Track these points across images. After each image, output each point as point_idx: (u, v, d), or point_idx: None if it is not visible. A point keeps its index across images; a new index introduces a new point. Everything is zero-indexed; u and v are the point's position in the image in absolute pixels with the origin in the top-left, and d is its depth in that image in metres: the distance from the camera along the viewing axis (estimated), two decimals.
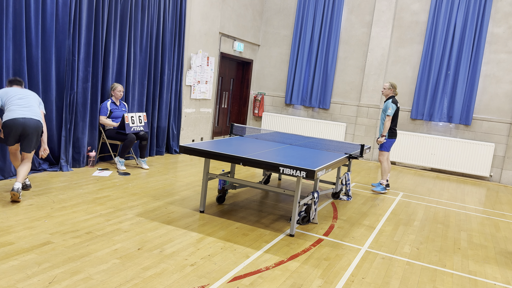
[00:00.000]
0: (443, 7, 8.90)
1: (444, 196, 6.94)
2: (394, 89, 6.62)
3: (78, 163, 6.16)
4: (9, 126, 4.33)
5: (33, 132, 4.42)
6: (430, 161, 9.16)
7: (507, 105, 8.59)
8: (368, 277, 3.50)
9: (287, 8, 10.61)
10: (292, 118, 10.50)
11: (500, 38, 8.59)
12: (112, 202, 4.73)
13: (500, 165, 8.72)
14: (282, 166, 4.03)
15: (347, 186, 5.96)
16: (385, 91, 6.64)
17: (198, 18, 8.22)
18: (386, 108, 6.53)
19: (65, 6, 5.65)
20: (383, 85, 6.70)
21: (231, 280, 3.17)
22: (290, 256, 3.75)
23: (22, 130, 4.37)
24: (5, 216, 3.95)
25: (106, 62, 6.45)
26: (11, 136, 4.38)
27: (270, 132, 6.91)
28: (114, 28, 6.45)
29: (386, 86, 6.61)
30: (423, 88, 9.19)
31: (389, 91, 6.61)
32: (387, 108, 6.50)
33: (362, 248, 4.16)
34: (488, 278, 3.78)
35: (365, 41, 9.76)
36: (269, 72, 10.97)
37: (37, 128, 4.44)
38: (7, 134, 4.38)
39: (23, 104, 4.43)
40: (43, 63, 5.58)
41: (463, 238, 4.81)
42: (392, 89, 6.60)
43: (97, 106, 6.34)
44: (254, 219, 4.69)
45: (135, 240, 3.74)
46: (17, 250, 3.29)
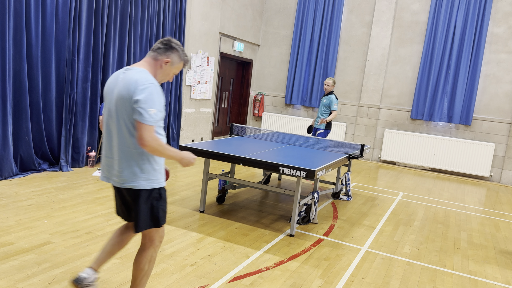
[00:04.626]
0: (443, 7, 8.90)
1: (444, 196, 6.94)
2: (334, 85, 7.37)
3: (77, 163, 6.16)
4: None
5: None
6: (430, 161, 9.16)
7: (507, 105, 8.59)
8: (368, 277, 3.49)
9: (287, 8, 10.60)
10: (292, 118, 10.50)
11: (500, 38, 8.58)
12: (112, 202, 4.72)
13: (500, 165, 8.71)
14: (282, 166, 4.03)
15: (347, 186, 5.95)
16: (328, 87, 7.22)
17: (198, 18, 8.21)
18: (331, 103, 7.08)
19: (65, 6, 5.65)
20: (326, 81, 7.22)
21: (231, 280, 3.17)
22: (290, 256, 3.75)
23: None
24: (5, 216, 3.94)
25: (106, 62, 6.45)
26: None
27: (270, 132, 6.91)
28: (114, 28, 6.45)
29: (330, 83, 7.20)
30: (423, 88, 9.18)
31: (331, 88, 7.23)
32: (332, 104, 7.08)
33: (362, 248, 4.16)
34: (488, 278, 3.77)
35: (365, 41, 9.76)
36: (269, 72, 10.97)
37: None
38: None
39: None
40: (43, 63, 5.57)
41: (463, 238, 4.81)
42: (333, 85, 7.30)
43: (96, 106, 6.33)
44: (254, 219, 4.68)
45: (135, 240, 3.73)
46: (17, 250, 3.29)
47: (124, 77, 2.29)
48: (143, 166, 2.30)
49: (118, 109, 2.27)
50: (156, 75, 2.38)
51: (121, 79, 2.30)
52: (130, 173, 2.29)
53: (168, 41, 2.41)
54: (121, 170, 2.31)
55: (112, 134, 2.34)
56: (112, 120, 2.32)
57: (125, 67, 2.38)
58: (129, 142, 2.28)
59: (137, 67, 2.34)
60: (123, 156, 2.30)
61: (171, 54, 2.39)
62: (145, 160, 2.31)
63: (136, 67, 2.33)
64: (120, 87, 2.26)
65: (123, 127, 2.27)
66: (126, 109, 2.23)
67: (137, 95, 2.18)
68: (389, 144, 9.49)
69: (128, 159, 2.28)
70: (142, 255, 2.46)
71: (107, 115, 2.37)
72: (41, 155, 5.75)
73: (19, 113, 5.37)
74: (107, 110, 2.36)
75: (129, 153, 2.29)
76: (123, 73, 2.33)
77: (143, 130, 2.18)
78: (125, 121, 2.26)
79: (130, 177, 2.30)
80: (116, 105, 2.28)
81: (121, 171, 2.31)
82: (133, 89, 2.20)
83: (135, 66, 2.35)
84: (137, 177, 2.30)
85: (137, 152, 2.28)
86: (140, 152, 2.28)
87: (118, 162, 2.32)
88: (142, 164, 2.30)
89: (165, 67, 2.40)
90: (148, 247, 2.46)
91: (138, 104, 2.18)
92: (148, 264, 2.46)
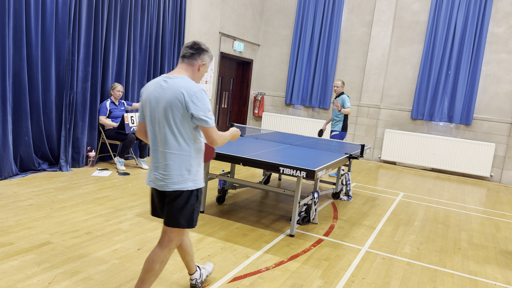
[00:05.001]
0: (444, 7, 8.89)
1: (444, 196, 6.93)
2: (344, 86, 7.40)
3: (77, 163, 6.15)
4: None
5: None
6: (430, 161, 9.15)
7: (507, 105, 8.58)
8: (368, 278, 3.49)
9: (287, 8, 10.60)
10: (292, 118, 10.49)
11: (501, 38, 8.58)
12: (111, 202, 4.72)
13: (500, 165, 8.71)
14: (282, 166, 4.02)
15: (348, 186, 5.95)
16: (338, 88, 7.20)
17: (198, 17, 8.21)
18: (344, 101, 7.10)
19: (64, 6, 5.64)
20: (335, 83, 7.22)
21: (231, 281, 3.16)
22: (290, 256, 3.75)
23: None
24: (4, 216, 3.94)
25: (105, 62, 6.44)
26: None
27: (270, 132, 6.90)
28: (114, 28, 6.44)
29: (339, 84, 7.19)
30: (424, 88, 9.18)
31: (341, 88, 7.21)
32: (345, 102, 7.09)
33: (363, 248, 4.15)
34: (488, 278, 3.77)
35: (365, 41, 9.75)
36: (269, 72, 10.96)
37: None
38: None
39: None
40: (43, 63, 5.57)
41: (463, 238, 4.80)
42: (343, 86, 7.25)
43: (96, 106, 6.33)
44: (254, 219, 4.68)
45: (134, 240, 3.73)
46: (17, 250, 3.28)
47: (170, 86, 2.40)
48: (191, 168, 2.47)
49: (167, 117, 2.39)
50: (194, 78, 2.53)
51: (167, 88, 2.40)
52: (179, 176, 2.44)
53: (197, 45, 2.52)
54: (170, 174, 2.44)
55: (158, 140, 2.46)
56: (159, 127, 2.44)
57: (164, 75, 2.47)
58: (177, 146, 2.42)
59: (177, 74, 2.46)
60: (172, 161, 2.43)
61: (204, 56, 2.53)
62: (192, 162, 2.47)
63: (177, 75, 2.44)
64: (168, 96, 2.38)
65: (172, 133, 2.41)
66: (176, 116, 2.37)
67: (192, 103, 2.34)
68: (390, 144, 9.48)
69: (177, 163, 2.43)
70: (157, 253, 2.53)
71: (151, 122, 2.47)
72: (41, 155, 5.75)
73: (19, 113, 5.36)
74: (152, 118, 2.46)
75: (177, 157, 2.43)
76: (164, 81, 2.43)
77: (211, 133, 2.42)
78: (174, 127, 2.40)
79: (179, 180, 2.44)
80: (164, 112, 2.39)
81: (171, 175, 2.44)
82: (186, 98, 2.34)
83: (175, 74, 2.46)
84: (185, 179, 2.45)
85: (184, 155, 2.44)
86: (187, 155, 2.44)
87: (166, 167, 2.44)
88: (189, 167, 2.46)
89: (201, 69, 2.55)
90: (165, 247, 2.54)
91: (198, 113, 2.35)
92: (160, 264, 2.53)
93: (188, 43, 2.54)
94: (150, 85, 2.50)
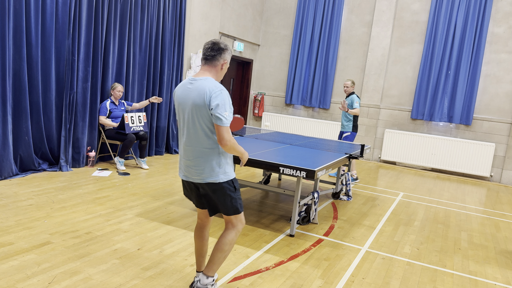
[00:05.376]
0: (444, 7, 8.89)
1: (444, 196, 6.93)
2: (354, 85, 7.22)
3: (77, 163, 6.15)
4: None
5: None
6: (430, 161, 9.15)
7: (507, 105, 8.58)
8: (368, 278, 3.49)
9: (287, 8, 10.60)
10: (292, 118, 10.49)
11: (501, 38, 8.58)
12: (111, 202, 4.72)
13: (500, 165, 8.71)
14: (282, 166, 4.02)
15: (347, 186, 5.95)
16: (348, 89, 7.12)
17: (198, 17, 8.21)
18: (352, 102, 6.99)
19: (64, 6, 5.64)
20: (345, 83, 7.14)
21: (231, 280, 3.16)
22: (290, 256, 3.75)
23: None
24: (4, 216, 3.94)
25: (105, 62, 6.44)
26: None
27: (270, 132, 6.90)
28: (114, 28, 6.44)
29: (348, 84, 7.10)
30: (424, 88, 9.18)
31: (351, 88, 7.14)
32: (353, 102, 6.98)
33: (362, 248, 4.15)
34: (488, 278, 3.77)
35: (366, 41, 9.75)
36: (269, 72, 10.96)
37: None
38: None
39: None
40: (43, 63, 5.57)
41: (463, 238, 4.80)
42: (353, 86, 7.16)
43: (97, 106, 6.33)
44: (254, 219, 4.68)
45: (135, 240, 3.73)
46: (17, 250, 3.28)
47: (195, 87, 2.58)
48: (220, 162, 2.66)
49: (195, 116, 2.58)
50: (218, 77, 2.69)
51: (193, 89, 2.59)
52: (210, 170, 2.64)
53: (217, 45, 2.65)
54: (202, 169, 2.65)
55: (190, 138, 2.66)
56: (190, 126, 2.64)
57: (190, 78, 2.66)
58: (207, 143, 2.62)
59: (202, 76, 2.63)
60: (202, 157, 2.64)
61: (224, 55, 2.68)
62: (221, 157, 2.66)
63: (202, 77, 2.62)
64: (194, 96, 2.57)
65: (201, 131, 2.60)
66: (203, 115, 2.55)
67: (213, 102, 2.50)
68: (390, 144, 9.48)
69: (208, 158, 2.63)
70: (225, 236, 2.76)
71: (183, 122, 2.68)
72: (41, 155, 5.75)
73: (19, 113, 5.36)
74: (183, 118, 2.67)
75: (207, 153, 2.63)
76: (190, 83, 2.62)
77: (223, 131, 2.52)
78: (202, 126, 2.59)
79: (210, 173, 2.65)
80: (192, 112, 2.59)
81: (203, 170, 2.65)
82: (208, 97, 2.51)
83: (200, 76, 2.63)
84: (216, 172, 2.65)
85: (214, 151, 2.63)
86: (216, 151, 2.63)
87: (198, 162, 2.65)
88: (219, 161, 2.65)
89: (224, 67, 2.72)
90: (231, 228, 2.77)
91: (215, 110, 2.49)
92: (229, 245, 2.75)
93: (208, 44, 2.66)
94: (179, 88, 2.69)
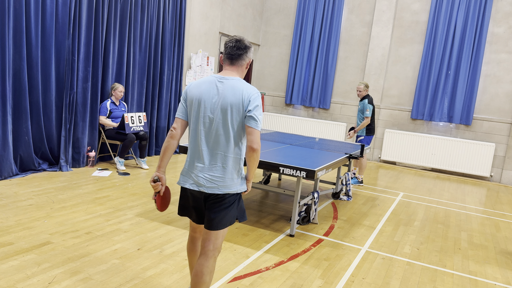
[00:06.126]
0: (444, 7, 8.89)
1: (444, 196, 6.93)
2: (368, 89, 6.93)
3: (77, 163, 6.15)
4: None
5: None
6: (430, 161, 9.15)
7: (507, 105, 8.58)
8: (368, 278, 3.49)
9: (287, 8, 10.60)
10: (292, 118, 10.49)
11: (501, 38, 8.58)
12: (111, 202, 4.72)
13: (500, 165, 8.70)
14: (282, 166, 4.02)
15: (347, 186, 5.95)
16: (360, 93, 6.87)
17: (198, 17, 8.21)
18: (363, 109, 6.75)
19: (64, 6, 5.64)
20: (357, 87, 6.90)
21: (231, 281, 3.16)
22: (290, 256, 3.75)
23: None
24: (4, 216, 3.94)
25: (105, 62, 6.44)
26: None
27: (270, 132, 6.90)
28: (114, 28, 6.44)
29: (361, 88, 6.84)
30: (424, 88, 9.18)
31: (365, 93, 6.86)
32: (364, 109, 6.73)
33: (362, 248, 4.15)
34: (488, 278, 3.77)
35: (366, 41, 9.75)
36: (269, 72, 10.96)
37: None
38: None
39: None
40: (43, 63, 5.57)
41: (463, 238, 4.80)
42: (367, 90, 6.88)
43: (97, 106, 6.33)
44: (254, 219, 4.68)
45: (134, 240, 3.73)
46: (17, 250, 3.28)
47: (227, 87, 2.35)
48: (240, 171, 2.48)
49: (226, 118, 2.34)
50: (243, 76, 2.51)
51: (224, 89, 2.35)
52: (230, 179, 2.41)
53: (242, 43, 2.44)
54: (222, 177, 2.39)
55: (209, 141, 2.39)
56: (213, 128, 2.37)
57: (216, 75, 2.41)
58: (231, 149, 2.39)
59: (230, 76, 2.41)
60: (225, 163, 2.39)
61: (250, 53, 2.49)
62: (242, 165, 2.48)
63: (231, 76, 2.40)
64: (228, 97, 2.33)
65: (228, 135, 2.36)
66: (236, 118, 2.34)
67: (252, 104, 2.32)
68: (389, 144, 9.48)
69: (231, 165, 2.40)
70: (205, 265, 2.42)
71: (203, 123, 2.39)
72: (40, 155, 5.75)
73: (19, 113, 5.36)
74: (204, 118, 2.38)
75: (231, 159, 2.40)
76: (220, 82, 2.38)
77: (256, 135, 2.34)
78: (231, 129, 2.36)
79: (230, 183, 2.41)
80: (222, 113, 2.34)
81: (223, 178, 2.39)
82: (247, 99, 2.32)
83: (228, 76, 2.41)
84: (235, 182, 2.44)
85: (238, 158, 2.43)
86: (239, 158, 2.44)
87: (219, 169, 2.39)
88: (239, 170, 2.46)
89: (248, 66, 2.53)
90: (211, 256, 2.44)
91: (253, 112, 2.32)
92: (210, 275, 2.44)
93: (232, 41, 2.44)
94: (202, 84, 2.41)
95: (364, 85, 6.84)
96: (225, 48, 2.46)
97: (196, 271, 2.42)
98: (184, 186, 2.47)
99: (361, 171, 6.97)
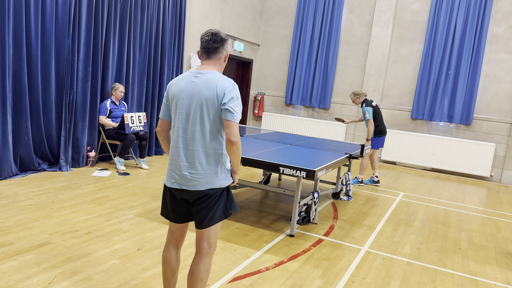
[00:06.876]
0: (444, 7, 8.89)
1: (444, 196, 6.93)
2: (360, 95, 6.80)
3: (77, 163, 6.15)
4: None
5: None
6: (430, 161, 9.15)
7: (507, 105, 8.58)
8: (368, 278, 3.49)
9: (287, 7, 10.60)
10: (292, 118, 10.49)
11: (501, 38, 8.57)
12: (111, 202, 4.72)
13: (500, 165, 8.70)
14: (282, 166, 4.02)
15: (348, 186, 5.95)
16: (354, 101, 6.86)
17: (198, 17, 8.21)
18: (363, 113, 6.73)
19: (64, 6, 5.64)
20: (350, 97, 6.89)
21: (231, 281, 3.16)
22: (290, 256, 3.74)
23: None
24: (4, 216, 3.94)
25: (105, 62, 6.44)
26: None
27: (270, 132, 6.90)
28: (114, 28, 6.44)
29: (352, 97, 6.83)
30: (424, 88, 9.18)
31: (358, 100, 6.82)
32: (363, 114, 6.72)
33: (363, 248, 4.15)
34: (488, 278, 3.77)
35: (366, 40, 9.75)
36: (269, 72, 10.96)
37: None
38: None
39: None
40: (43, 63, 5.57)
41: (463, 238, 4.80)
42: (359, 96, 6.78)
43: (96, 106, 6.33)
44: (254, 219, 4.68)
45: (134, 240, 3.73)
46: (17, 250, 3.28)
47: (202, 81, 2.31)
48: (224, 165, 2.42)
49: (202, 113, 2.30)
50: (221, 70, 2.46)
51: (200, 82, 2.32)
52: (213, 175, 2.37)
53: (218, 36, 2.38)
54: (203, 173, 2.35)
55: (191, 138, 2.35)
56: (193, 124, 2.33)
57: (193, 71, 2.38)
58: (212, 144, 2.34)
59: (207, 70, 2.36)
60: (204, 159, 2.35)
61: (226, 46, 2.43)
62: (224, 159, 2.41)
63: (207, 70, 2.36)
64: (203, 90, 2.30)
65: (205, 130, 2.32)
66: (211, 111, 2.30)
67: (226, 97, 2.27)
68: (390, 144, 9.48)
69: (213, 161, 2.36)
70: (200, 263, 2.40)
71: (182, 119, 2.35)
72: (40, 155, 5.75)
73: (19, 113, 5.36)
74: (184, 115, 2.35)
75: (211, 155, 2.35)
76: (195, 77, 2.34)
77: (234, 127, 2.28)
78: (208, 124, 2.32)
79: (213, 178, 2.37)
80: (200, 108, 2.30)
81: (204, 174, 2.35)
82: (221, 91, 2.27)
83: (204, 70, 2.36)
84: (219, 177, 2.39)
85: (218, 153, 2.37)
86: (220, 153, 2.38)
87: (199, 165, 2.34)
88: (221, 164, 2.40)
89: (226, 59, 2.48)
90: (206, 254, 2.42)
91: (228, 104, 2.26)
92: (206, 273, 2.42)
93: (208, 35, 2.38)
94: (180, 81, 2.38)
95: (353, 94, 6.83)
96: (201, 42, 2.41)
97: (192, 270, 2.41)
98: (166, 185, 2.45)
99: (361, 171, 6.97)
